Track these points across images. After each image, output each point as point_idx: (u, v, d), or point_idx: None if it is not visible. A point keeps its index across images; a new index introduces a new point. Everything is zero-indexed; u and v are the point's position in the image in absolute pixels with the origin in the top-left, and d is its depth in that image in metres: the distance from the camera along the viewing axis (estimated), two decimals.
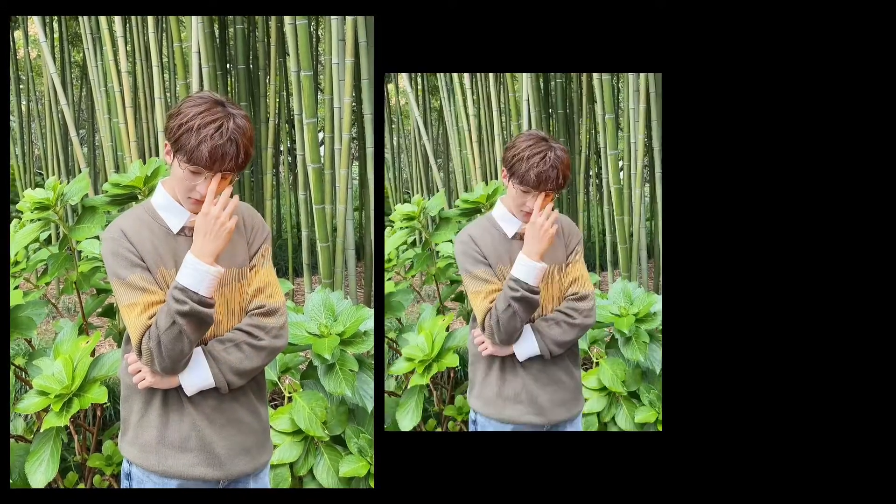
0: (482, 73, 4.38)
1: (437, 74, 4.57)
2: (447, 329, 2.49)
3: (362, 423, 2.16)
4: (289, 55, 3.22)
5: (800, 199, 1.89)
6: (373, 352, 2.30)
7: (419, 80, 5.71)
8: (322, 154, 3.25)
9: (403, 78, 4.62)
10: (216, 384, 1.42)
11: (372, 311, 2.28)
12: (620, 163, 3.82)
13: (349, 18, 3.12)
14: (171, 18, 3.53)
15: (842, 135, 1.89)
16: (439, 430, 2.76)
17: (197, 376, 1.41)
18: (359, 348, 2.16)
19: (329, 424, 2.11)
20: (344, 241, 3.25)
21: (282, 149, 5.53)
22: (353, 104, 3.28)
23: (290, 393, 2.19)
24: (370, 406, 2.12)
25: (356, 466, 2.06)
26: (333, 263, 3.23)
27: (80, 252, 2.42)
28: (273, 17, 3.80)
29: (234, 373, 1.43)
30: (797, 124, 1.91)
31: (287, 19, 3.12)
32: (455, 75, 4.13)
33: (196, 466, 1.44)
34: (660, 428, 2.76)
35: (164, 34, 4.32)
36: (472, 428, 1.89)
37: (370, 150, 3.27)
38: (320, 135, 3.28)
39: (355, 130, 3.89)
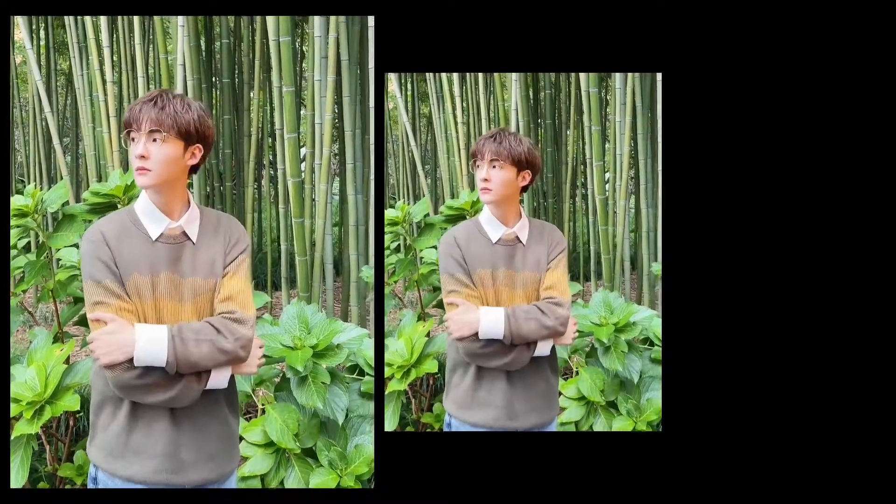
0: (472, 82, 4.41)
1: (427, 81, 4.59)
2: (427, 335, 2.50)
3: (333, 436, 2.16)
4: (273, 70, 3.24)
5: (799, 199, 1.91)
6: (346, 365, 2.30)
7: (409, 85, 5.73)
8: (303, 169, 3.26)
9: (393, 82, 4.64)
10: (166, 368, 1.40)
11: (346, 325, 2.30)
12: (606, 174, 3.84)
13: (332, 36, 3.14)
14: (158, 30, 3.55)
15: (842, 137, 1.91)
16: None
17: (152, 355, 1.39)
18: (331, 361, 2.17)
19: (301, 437, 2.12)
20: (322, 256, 3.27)
21: (264, 163, 5.55)
22: (335, 120, 3.29)
23: (263, 405, 2.19)
24: (341, 419, 2.13)
25: (326, 479, 2.07)
26: (311, 277, 3.24)
27: (58, 260, 2.43)
28: (258, 33, 3.81)
29: (189, 365, 1.41)
30: (797, 124, 1.92)
31: (272, 35, 3.14)
32: (445, 83, 4.15)
33: (160, 472, 1.45)
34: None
35: (150, 45, 4.33)
36: (446, 431, 1.90)
37: (350, 166, 3.29)
38: (302, 150, 3.30)
39: (336, 146, 3.91)
